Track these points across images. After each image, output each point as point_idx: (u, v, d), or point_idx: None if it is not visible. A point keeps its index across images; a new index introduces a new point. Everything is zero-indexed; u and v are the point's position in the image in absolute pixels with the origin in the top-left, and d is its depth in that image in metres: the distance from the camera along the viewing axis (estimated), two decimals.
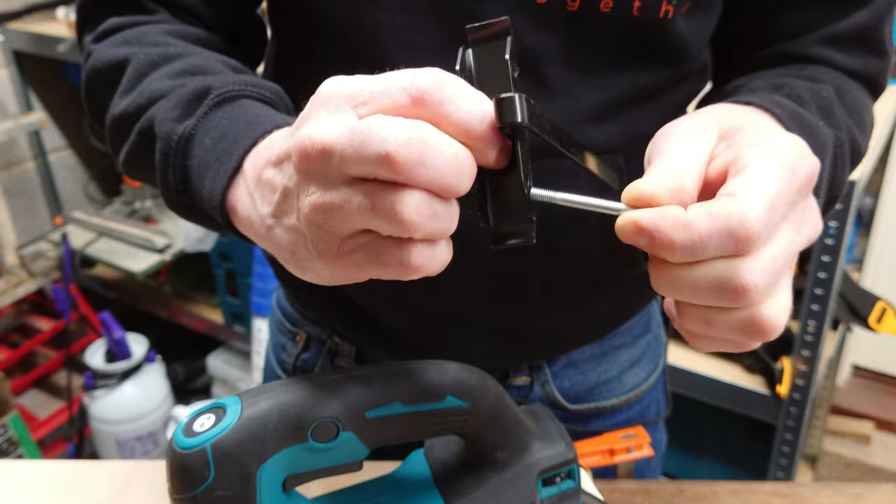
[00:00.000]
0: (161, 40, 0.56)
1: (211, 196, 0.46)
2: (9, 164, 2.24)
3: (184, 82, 0.51)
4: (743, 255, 0.37)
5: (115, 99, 0.55)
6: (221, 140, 0.46)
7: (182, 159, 0.48)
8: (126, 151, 0.54)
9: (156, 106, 0.50)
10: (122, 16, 0.59)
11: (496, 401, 0.51)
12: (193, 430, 0.47)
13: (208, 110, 0.48)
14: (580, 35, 0.55)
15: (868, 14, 0.61)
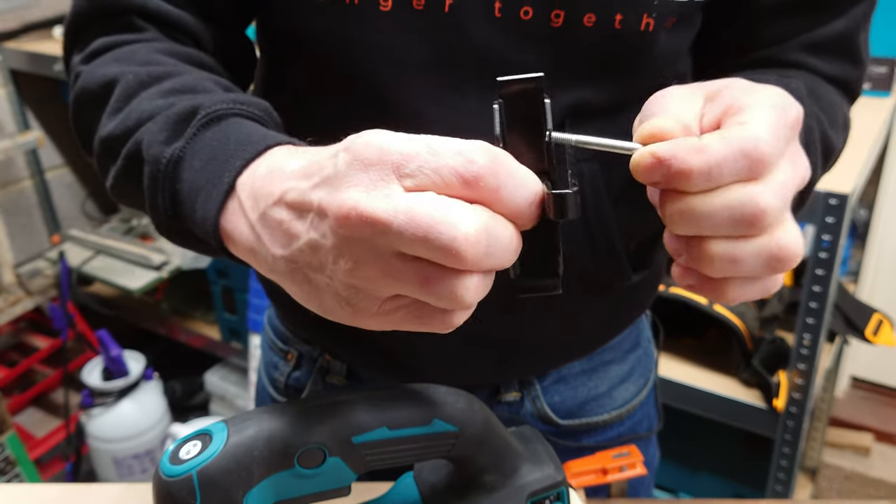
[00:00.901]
0: (151, 58, 0.55)
1: (204, 220, 0.44)
2: (6, 182, 2.25)
3: (172, 102, 0.50)
4: (756, 180, 0.38)
5: (102, 120, 0.53)
6: (211, 161, 0.45)
7: (172, 183, 0.47)
8: (113, 176, 0.52)
9: (143, 128, 0.49)
10: (111, 35, 0.58)
11: (484, 424, 0.51)
12: (179, 457, 0.46)
13: (196, 131, 0.47)
14: (564, 50, 0.56)
15: (845, 22, 0.63)
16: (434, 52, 0.55)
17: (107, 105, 0.53)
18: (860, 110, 1.46)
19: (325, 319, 0.69)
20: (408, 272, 0.35)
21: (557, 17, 0.54)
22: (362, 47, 0.55)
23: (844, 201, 1.18)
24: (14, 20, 2.19)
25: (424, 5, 0.53)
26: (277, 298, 0.75)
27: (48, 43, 2.10)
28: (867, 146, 1.33)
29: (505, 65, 0.54)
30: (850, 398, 2.13)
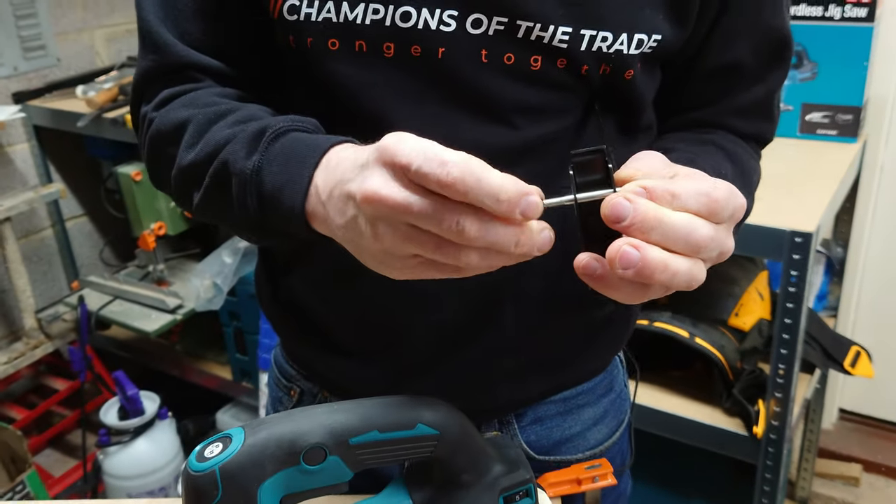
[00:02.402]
0: (211, 101, 0.66)
1: (292, 208, 0.56)
2: (28, 231, 2.37)
3: (242, 128, 0.61)
4: (712, 221, 0.49)
5: (180, 153, 0.65)
6: (288, 164, 0.57)
7: (257, 187, 0.58)
8: (201, 195, 0.63)
9: (224, 151, 0.60)
10: (174, 87, 0.69)
11: (461, 429, 0.61)
12: (204, 455, 0.56)
13: (268, 145, 0.58)
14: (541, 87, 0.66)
15: (764, 88, 0.75)
16: (432, 89, 0.65)
17: (181, 141, 0.64)
18: (827, 155, 1.57)
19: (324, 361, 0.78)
20: (424, 239, 0.48)
21: (536, 62, 0.65)
22: (369, 85, 0.65)
23: (809, 239, 1.28)
24: (38, 80, 2.33)
25: (421, 53, 0.64)
26: (285, 334, 0.84)
27: (70, 101, 2.23)
28: (832, 188, 1.43)
29: (492, 100, 0.65)
30: (838, 430, 2.20)
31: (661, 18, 0.66)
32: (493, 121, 0.66)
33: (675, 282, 0.49)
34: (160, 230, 2.16)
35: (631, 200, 0.48)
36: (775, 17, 0.73)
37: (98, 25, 2.47)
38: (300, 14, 0.64)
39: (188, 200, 0.66)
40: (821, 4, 1.55)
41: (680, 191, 0.49)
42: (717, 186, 0.50)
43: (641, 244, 0.48)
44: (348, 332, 0.76)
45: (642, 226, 0.48)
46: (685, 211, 0.49)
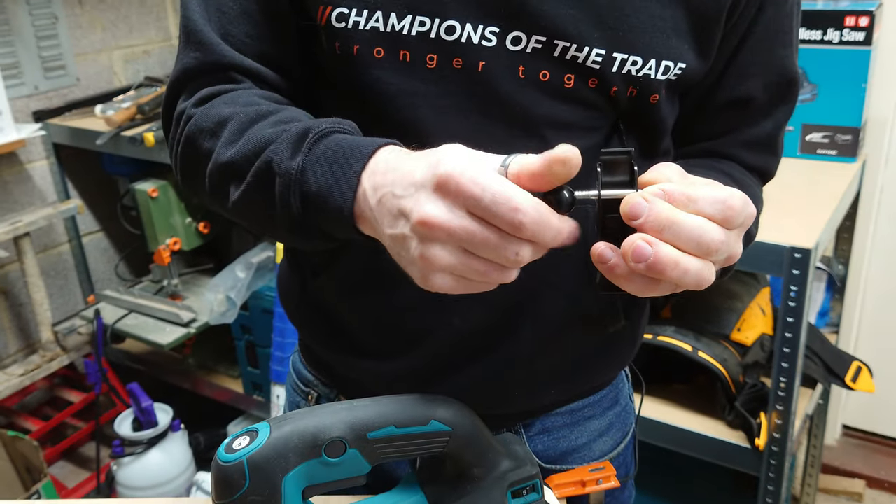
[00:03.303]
0: (252, 101, 0.68)
1: (340, 208, 0.58)
2: (46, 246, 2.42)
3: (285, 128, 0.62)
4: (726, 227, 0.53)
5: (219, 149, 0.66)
6: (335, 165, 0.58)
7: (301, 187, 0.60)
8: (241, 192, 0.64)
9: (268, 150, 0.62)
10: (216, 86, 0.70)
11: (472, 426, 0.65)
12: (233, 447, 0.60)
13: (311, 146, 0.61)
14: (574, 104, 0.70)
15: (772, 123, 0.80)
16: (469, 101, 0.69)
17: (221, 137, 0.66)
18: (826, 174, 1.61)
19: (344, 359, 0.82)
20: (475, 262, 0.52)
21: (569, 80, 0.69)
22: (410, 94, 0.69)
23: (808, 255, 1.32)
24: (58, 99, 2.39)
25: (462, 65, 0.68)
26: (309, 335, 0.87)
27: (89, 119, 2.29)
28: (831, 206, 1.47)
29: (526, 114, 0.69)
30: (842, 446, 2.22)
31: (686, 49, 0.71)
32: (526, 133, 0.70)
33: (685, 280, 0.52)
34: (175, 245, 2.21)
35: (648, 200, 0.52)
36: (786, 57, 0.78)
37: (116, 46, 2.54)
38: (348, 22, 0.67)
39: (223, 197, 0.67)
40: (820, 28, 1.60)
41: (697, 196, 0.53)
42: (733, 195, 0.54)
43: (655, 241, 0.52)
44: (372, 334, 0.80)
45: (655, 224, 0.52)
46: (701, 215, 0.53)
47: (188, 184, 0.73)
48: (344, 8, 0.67)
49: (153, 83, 2.43)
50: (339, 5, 0.67)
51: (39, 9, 2.29)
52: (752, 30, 0.75)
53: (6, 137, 2.07)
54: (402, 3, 0.66)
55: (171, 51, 2.71)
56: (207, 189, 0.69)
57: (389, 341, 0.79)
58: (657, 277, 0.53)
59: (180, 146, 0.71)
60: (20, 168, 2.33)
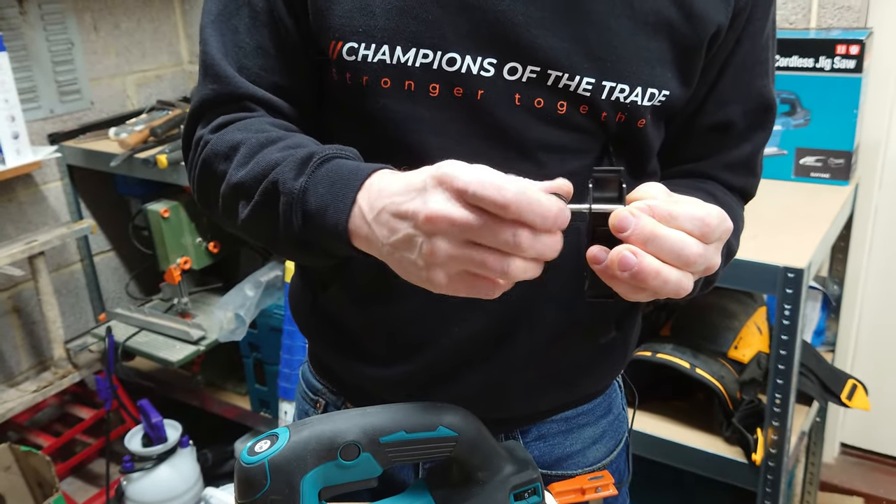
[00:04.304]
0: (263, 128, 0.74)
1: (336, 225, 0.62)
2: (59, 265, 2.48)
3: (291, 153, 0.68)
4: (703, 241, 0.58)
5: (231, 171, 0.71)
6: (333, 187, 0.63)
7: (302, 206, 0.65)
8: (249, 210, 0.70)
9: (275, 171, 0.67)
10: (230, 114, 0.76)
11: (477, 432, 0.69)
12: (255, 450, 0.65)
13: (314, 169, 0.66)
14: (566, 129, 0.75)
15: (750, 147, 0.86)
16: (469, 126, 0.74)
17: (233, 160, 0.71)
18: (820, 196, 1.66)
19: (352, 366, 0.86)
20: (477, 253, 0.55)
21: (562, 107, 0.74)
22: (415, 120, 0.74)
23: (801, 274, 1.36)
24: (73, 122, 2.46)
25: (462, 94, 0.73)
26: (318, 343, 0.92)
27: (102, 141, 2.35)
28: (823, 228, 1.52)
29: (522, 138, 0.75)
30: (840, 464, 2.25)
31: (670, 77, 0.76)
32: (521, 155, 0.75)
33: (665, 288, 0.58)
34: (185, 264, 2.26)
35: (635, 215, 0.57)
36: (763, 86, 0.84)
37: (129, 71, 2.61)
38: (358, 55, 0.73)
39: (234, 215, 0.72)
40: (812, 56, 1.65)
41: (678, 213, 0.58)
42: (710, 212, 0.60)
43: (640, 252, 0.57)
44: (376, 343, 0.85)
45: (640, 237, 0.57)
46: (681, 230, 0.58)
47: (204, 203, 0.79)
48: (353, 43, 0.72)
49: (165, 106, 2.50)
50: (350, 40, 0.72)
51: (56, 35, 2.36)
52: (731, 61, 0.81)
53: (23, 159, 2.13)
54: (407, 37, 0.72)
55: (182, 75, 2.78)
56: (220, 208, 0.74)
57: (393, 349, 0.84)
58: (640, 286, 0.58)
59: (198, 169, 0.77)
60: (35, 189, 2.39)
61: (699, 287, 0.76)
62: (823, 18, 1.80)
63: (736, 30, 0.79)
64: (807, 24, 1.82)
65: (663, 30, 0.74)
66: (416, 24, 0.72)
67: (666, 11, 0.74)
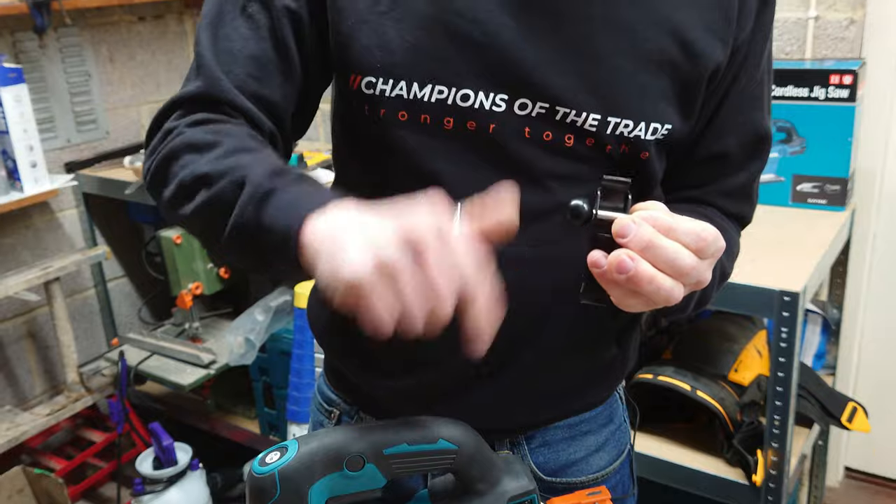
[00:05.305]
0: (242, 137, 0.73)
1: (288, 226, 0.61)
2: (73, 291, 2.53)
3: (268, 163, 0.68)
4: (698, 256, 0.62)
5: (199, 162, 0.70)
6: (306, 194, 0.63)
7: (261, 202, 0.64)
8: (207, 196, 0.68)
9: (246, 169, 0.66)
10: (210, 114, 0.75)
11: (476, 445, 0.73)
12: (265, 461, 0.69)
13: (291, 181, 0.65)
14: (573, 160, 0.79)
15: (746, 176, 0.90)
16: (481, 157, 0.78)
17: (205, 155, 0.70)
18: (816, 222, 1.70)
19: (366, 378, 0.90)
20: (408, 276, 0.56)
21: (569, 139, 0.78)
22: (430, 150, 0.78)
23: (796, 298, 1.40)
24: (88, 151, 2.53)
25: (475, 127, 0.77)
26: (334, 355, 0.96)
27: (118, 170, 2.42)
28: (819, 252, 1.56)
29: (531, 168, 0.78)
30: (844, 488, 2.26)
31: (672, 112, 0.80)
32: (531, 183, 0.79)
33: (657, 295, 0.62)
34: (197, 290, 2.31)
35: (636, 223, 0.61)
36: (759, 119, 0.89)
37: (144, 102, 2.68)
38: (376, 89, 0.77)
39: (185, 202, 0.71)
40: (807, 86, 1.70)
41: (677, 226, 0.62)
42: (706, 228, 0.64)
43: (637, 257, 0.61)
44: (391, 358, 0.88)
45: (639, 243, 0.61)
46: (678, 242, 0.62)
47: (153, 189, 0.77)
48: (372, 77, 0.77)
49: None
50: (369, 75, 0.77)
51: (73, 67, 2.44)
52: (728, 95, 0.85)
53: (40, 188, 2.19)
54: (424, 74, 0.76)
55: None
56: (170, 195, 0.73)
57: (404, 364, 0.88)
58: (634, 290, 0.62)
59: (160, 154, 0.75)
60: (51, 216, 2.45)
61: (692, 306, 0.80)
62: (818, 49, 1.85)
63: (734, 66, 0.83)
64: (802, 55, 1.87)
65: (666, 68, 0.79)
66: (433, 61, 0.76)
67: (668, 50, 0.78)
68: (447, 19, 0.75)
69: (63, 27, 2.35)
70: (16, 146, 2.10)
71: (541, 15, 0.76)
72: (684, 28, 0.79)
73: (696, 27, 0.79)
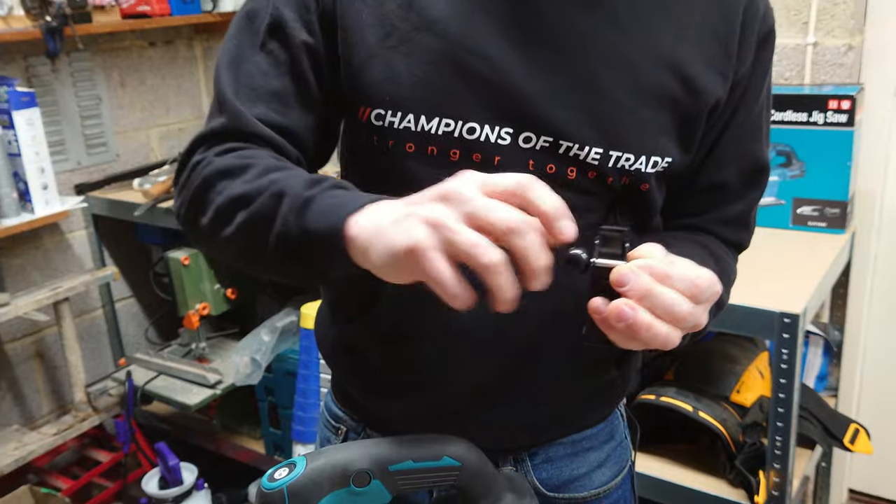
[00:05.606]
0: (271, 160, 0.75)
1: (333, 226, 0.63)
2: (82, 311, 2.55)
3: (303, 175, 0.71)
4: (693, 301, 0.64)
5: (234, 186, 0.72)
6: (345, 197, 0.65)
7: (302, 210, 0.66)
8: (246, 215, 0.71)
9: (282, 182, 0.69)
10: (238, 143, 0.78)
11: (479, 462, 0.74)
12: (274, 477, 0.71)
13: (327, 188, 0.68)
14: (576, 192, 0.81)
15: (744, 204, 0.93)
16: None
17: (238, 178, 0.73)
18: (817, 245, 1.72)
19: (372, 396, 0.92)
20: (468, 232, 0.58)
21: (572, 172, 0.81)
22: (435, 180, 0.77)
23: (796, 320, 1.41)
24: (98, 173, 2.56)
25: (481, 159, 0.80)
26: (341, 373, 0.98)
27: (127, 192, 2.45)
28: (819, 275, 1.57)
29: None
30: None
31: (672, 146, 0.83)
32: None
33: (654, 341, 0.64)
34: (204, 310, 2.33)
35: (634, 273, 0.64)
36: (756, 150, 0.91)
37: (154, 125, 2.72)
38: (385, 121, 0.79)
39: (224, 225, 0.73)
40: (806, 111, 1.73)
41: (673, 274, 0.64)
42: (701, 275, 0.66)
43: (636, 307, 0.63)
44: (396, 378, 0.91)
45: (637, 293, 0.63)
46: (674, 290, 0.64)
47: (189, 220, 0.80)
48: (381, 109, 0.79)
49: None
50: (378, 107, 0.79)
51: (85, 91, 2.48)
52: (728, 128, 0.88)
53: (51, 209, 2.22)
54: (431, 107, 0.79)
55: None
56: (208, 221, 0.75)
57: (409, 385, 0.90)
58: (633, 336, 0.64)
59: (194, 185, 0.77)
60: (61, 237, 2.48)
61: (688, 338, 0.82)
62: (817, 75, 1.88)
63: (733, 100, 0.86)
64: (801, 80, 1.90)
65: (667, 103, 0.81)
66: (440, 95, 0.79)
67: (669, 86, 0.81)
68: (456, 55, 0.78)
69: (75, 52, 2.40)
70: (27, 168, 2.13)
71: (546, 51, 0.78)
72: (685, 64, 0.81)
73: (696, 63, 0.82)
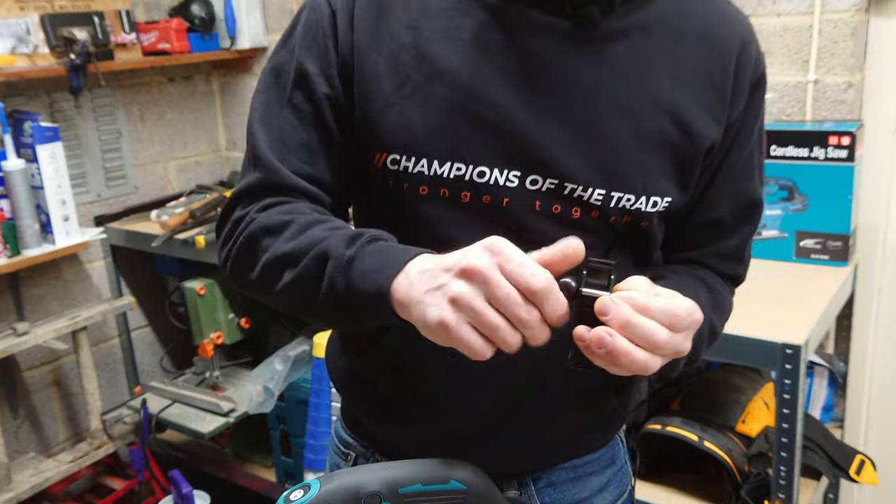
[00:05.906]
0: (308, 212, 0.82)
1: (381, 285, 0.70)
2: (99, 340, 2.60)
3: (339, 232, 0.77)
4: (672, 330, 0.69)
5: (277, 244, 0.79)
6: (383, 255, 0.72)
7: (347, 271, 0.73)
8: (295, 274, 0.77)
9: (323, 243, 0.75)
10: (277, 198, 0.84)
11: (484, 485, 0.78)
12: (290, 499, 0.74)
13: (364, 244, 0.74)
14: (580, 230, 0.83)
15: (738, 239, 0.97)
16: (494, 227, 0.82)
17: (281, 235, 0.79)
18: (819, 277, 1.75)
19: (381, 424, 0.96)
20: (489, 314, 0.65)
21: (576, 212, 0.86)
22: (448, 221, 0.85)
23: (798, 351, 1.44)
24: (117, 205, 2.63)
25: (490, 201, 0.85)
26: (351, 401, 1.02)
27: (145, 223, 2.51)
28: (821, 307, 1.60)
29: (541, 238, 0.82)
30: None
31: (671, 186, 0.88)
32: None
33: (634, 367, 0.68)
34: (218, 339, 2.38)
35: (616, 303, 0.68)
36: (750, 187, 0.96)
37: (171, 158, 2.79)
38: (400, 166, 0.85)
39: (275, 282, 0.79)
40: (807, 147, 1.77)
41: (652, 306, 0.69)
42: (679, 306, 0.70)
43: (615, 334, 0.67)
44: (405, 406, 0.95)
45: (618, 322, 0.68)
46: (653, 320, 0.69)
47: (238, 274, 0.86)
48: (396, 155, 0.84)
49: (203, 190, 2.66)
50: (393, 152, 0.85)
51: (106, 125, 2.56)
52: (722, 167, 0.93)
53: (71, 240, 2.28)
54: (443, 152, 0.84)
55: (220, 161, 2.97)
56: (257, 277, 0.82)
57: (417, 412, 0.94)
58: (613, 362, 0.68)
59: (238, 242, 0.85)
60: (80, 268, 2.54)
61: (681, 366, 0.86)
62: (818, 111, 1.92)
63: (727, 142, 0.91)
64: (802, 117, 1.94)
65: (665, 147, 0.86)
66: (452, 141, 0.84)
67: (668, 131, 0.86)
68: (467, 104, 0.83)
69: (97, 87, 2.48)
70: (49, 201, 2.20)
71: (550, 99, 0.84)
72: (682, 109, 0.86)
73: (693, 108, 0.87)
